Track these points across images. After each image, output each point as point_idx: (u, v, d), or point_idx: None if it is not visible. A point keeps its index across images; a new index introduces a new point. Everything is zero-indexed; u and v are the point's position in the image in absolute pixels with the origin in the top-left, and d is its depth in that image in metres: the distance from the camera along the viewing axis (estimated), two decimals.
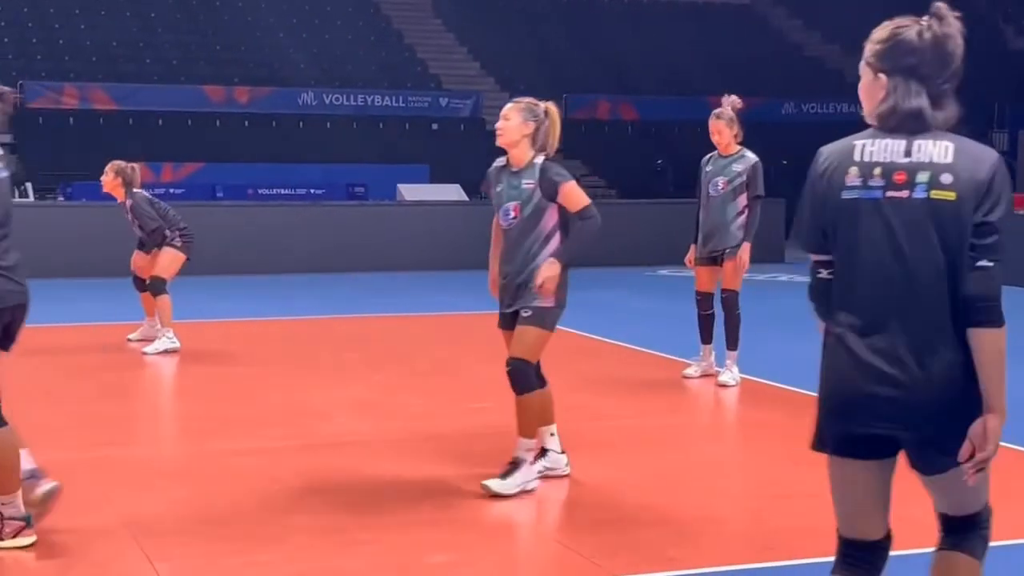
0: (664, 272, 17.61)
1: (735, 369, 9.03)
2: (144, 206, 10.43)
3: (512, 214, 6.11)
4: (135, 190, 10.48)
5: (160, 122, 25.58)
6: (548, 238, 6.08)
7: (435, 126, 27.27)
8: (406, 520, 5.74)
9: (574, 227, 6.07)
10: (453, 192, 21.79)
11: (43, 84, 25.62)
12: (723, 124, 9.20)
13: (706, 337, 9.32)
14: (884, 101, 3.43)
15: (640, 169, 26.99)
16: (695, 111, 29.96)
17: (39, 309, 8.35)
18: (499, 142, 6.21)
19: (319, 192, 21.73)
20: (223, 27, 30.14)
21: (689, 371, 9.34)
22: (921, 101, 3.34)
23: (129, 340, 10.75)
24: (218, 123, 26.10)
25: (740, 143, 9.28)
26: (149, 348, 10.25)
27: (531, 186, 6.08)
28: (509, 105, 6.25)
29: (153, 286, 10.38)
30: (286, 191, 21.26)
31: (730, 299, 9.13)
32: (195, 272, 11.57)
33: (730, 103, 9.24)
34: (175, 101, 26.08)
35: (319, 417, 7.94)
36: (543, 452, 6.31)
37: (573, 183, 6.16)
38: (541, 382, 6.22)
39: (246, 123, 26.37)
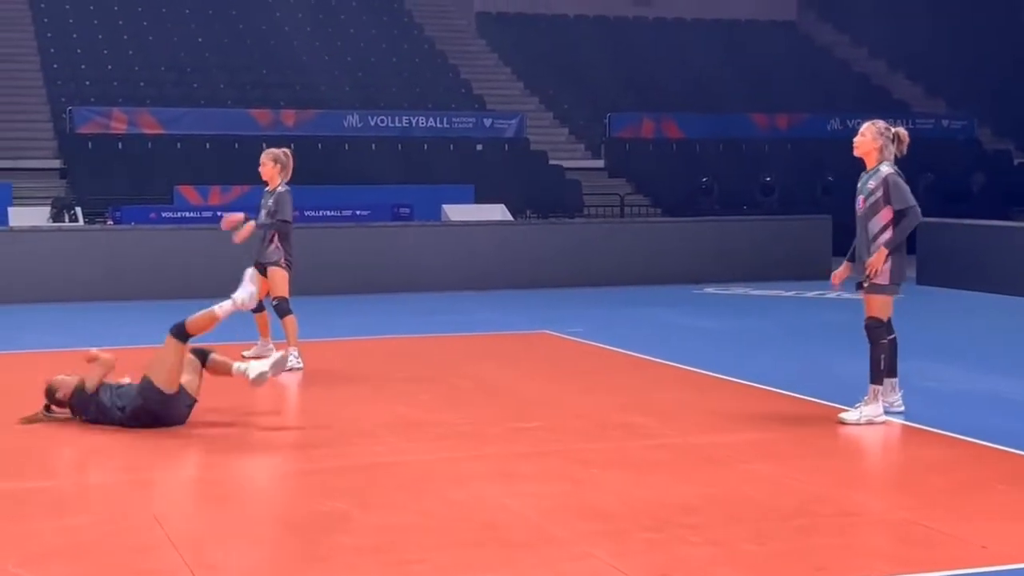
0: (710, 290, 17.53)
1: (868, 407, 8.23)
2: (290, 198, 10.89)
3: None
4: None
5: (207, 146, 25.78)
6: None
7: (479, 147, 27.33)
8: (452, 540, 5.73)
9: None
10: (497, 212, 21.83)
11: (92, 109, 25.90)
12: (869, 128, 8.32)
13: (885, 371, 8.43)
14: None
15: (685, 187, 26.93)
16: (740, 129, 30.00)
17: (93, 332, 8.48)
18: None
19: (365, 213, 21.80)
20: (269, 51, 30.40)
21: (847, 416, 8.30)
22: None
23: (244, 357, 10.95)
24: (265, 146, 26.17)
25: (881, 160, 8.29)
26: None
27: None
28: None
29: (279, 308, 10.70)
30: (332, 213, 21.33)
31: (868, 327, 8.31)
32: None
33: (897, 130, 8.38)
34: (222, 125, 26.29)
35: (365, 436, 7.95)
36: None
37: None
38: None
39: (292, 146, 26.46)
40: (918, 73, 34.90)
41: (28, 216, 20.12)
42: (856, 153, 8.44)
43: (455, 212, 21.50)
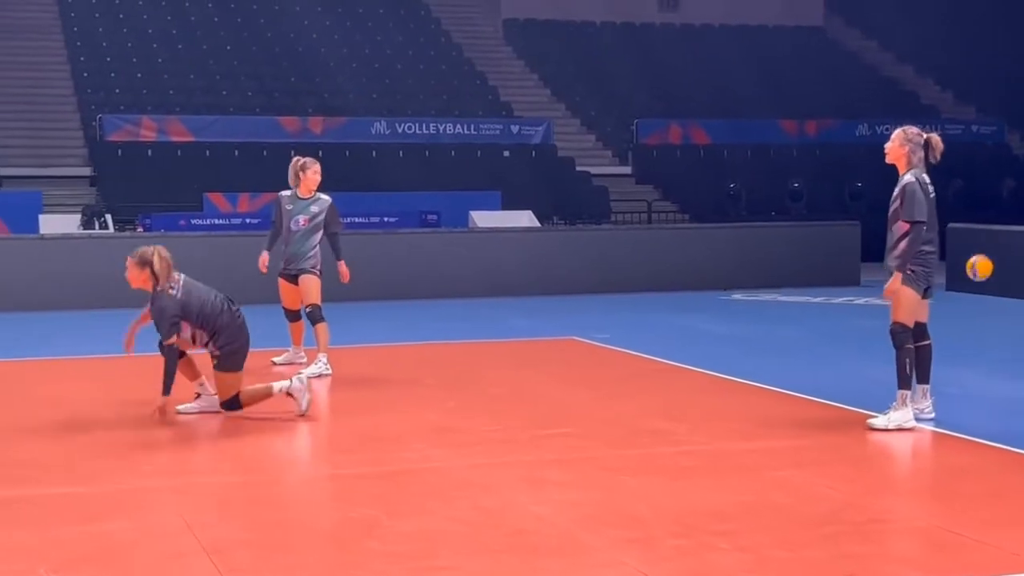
0: (738, 296, 17.50)
1: (897, 413, 8.16)
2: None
3: None
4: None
5: (236, 153, 25.92)
6: None
7: (506, 153, 27.38)
8: (481, 546, 5.74)
9: None
10: (525, 218, 21.84)
11: (121, 117, 26.08)
12: (899, 135, 8.28)
13: (917, 376, 8.38)
14: None
15: (712, 193, 26.88)
16: (768, 135, 29.96)
17: (123, 339, 8.52)
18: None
19: (393, 220, 21.86)
20: (297, 59, 30.53)
21: (876, 421, 8.26)
22: None
23: (275, 363, 11.17)
24: (293, 153, 26.23)
25: (910, 167, 8.21)
26: (306, 371, 10.55)
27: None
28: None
29: (312, 315, 10.83)
30: (360, 219, 21.38)
31: (893, 331, 8.24)
32: (270, 300, 11.68)
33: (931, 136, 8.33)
34: (251, 132, 26.44)
35: (394, 443, 7.97)
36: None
37: None
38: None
39: (320, 153, 26.58)
40: (947, 78, 34.74)
41: (58, 223, 20.23)
42: (887, 160, 8.42)
43: (482, 219, 21.52)
